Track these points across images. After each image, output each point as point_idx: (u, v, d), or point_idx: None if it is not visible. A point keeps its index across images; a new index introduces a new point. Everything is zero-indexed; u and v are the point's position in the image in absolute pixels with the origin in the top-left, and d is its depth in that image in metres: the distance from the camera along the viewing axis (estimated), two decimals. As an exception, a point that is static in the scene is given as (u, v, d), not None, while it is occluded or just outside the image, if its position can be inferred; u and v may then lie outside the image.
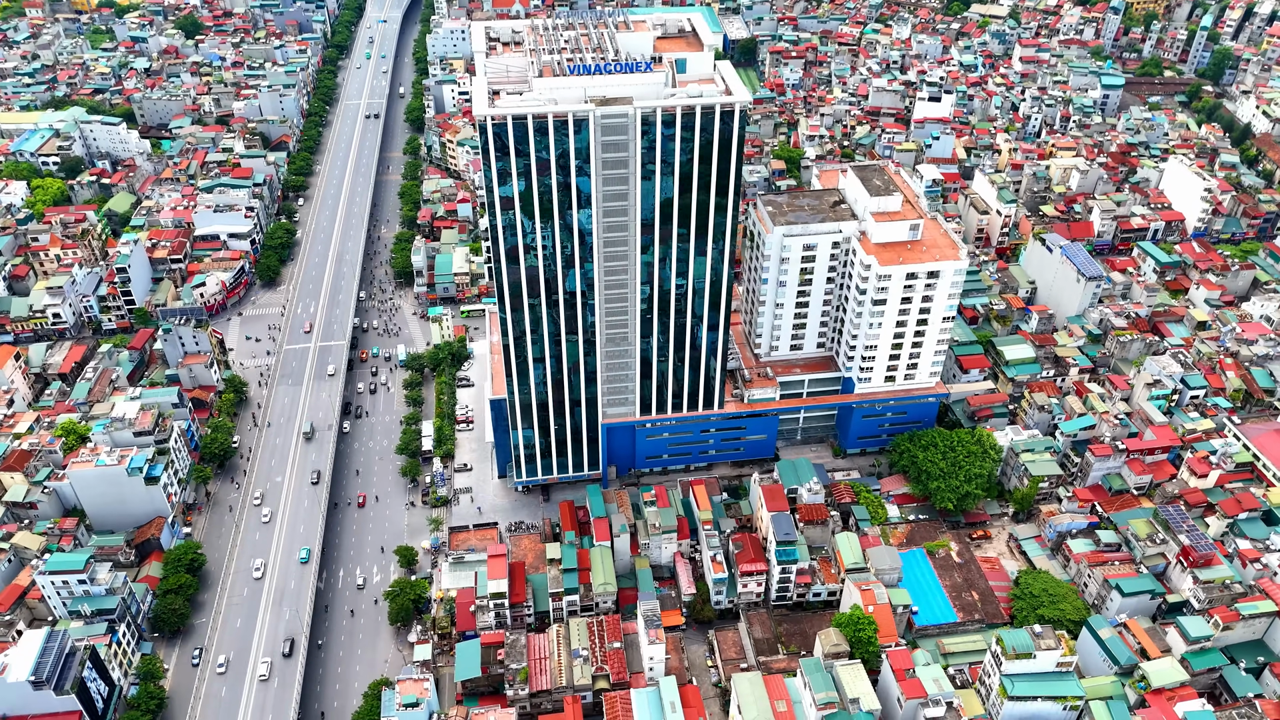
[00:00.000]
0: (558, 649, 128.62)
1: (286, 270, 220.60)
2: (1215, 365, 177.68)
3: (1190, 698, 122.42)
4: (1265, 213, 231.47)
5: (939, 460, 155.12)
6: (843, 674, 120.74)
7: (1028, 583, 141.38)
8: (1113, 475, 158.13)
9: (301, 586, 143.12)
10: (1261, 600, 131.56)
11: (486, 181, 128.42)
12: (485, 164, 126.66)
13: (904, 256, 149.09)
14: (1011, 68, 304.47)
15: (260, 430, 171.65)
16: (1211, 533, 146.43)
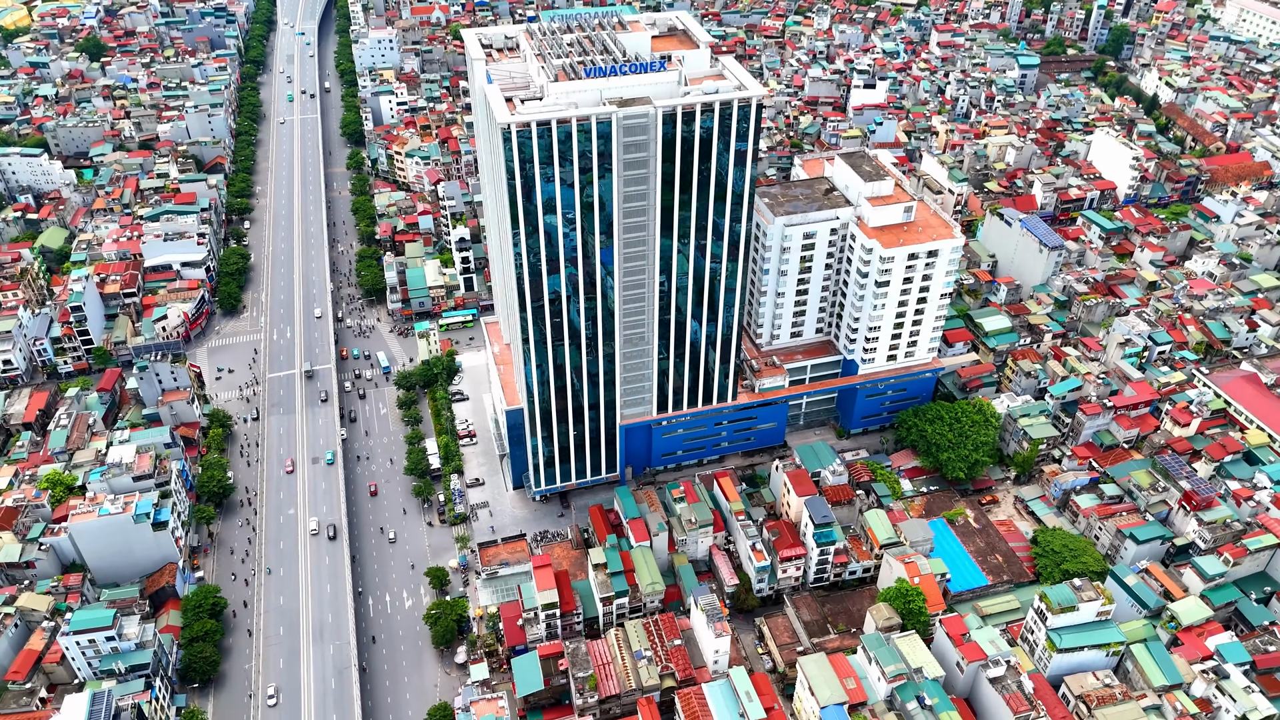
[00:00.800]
0: (619, 653, 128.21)
1: (247, 296, 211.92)
2: (1175, 321, 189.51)
3: (1216, 632, 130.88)
4: (1186, 176, 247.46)
5: (946, 432, 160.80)
6: (902, 645, 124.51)
7: (1046, 540, 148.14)
8: (1103, 432, 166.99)
9: (340, 619, 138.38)
10: (1263, 535, 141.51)
11: (510, 189, 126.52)
12: (509, 171, 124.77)
13: (903, 238, 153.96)
14: (931, 53, 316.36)
15: (263, 464, 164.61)
16: (1200, 477, 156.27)
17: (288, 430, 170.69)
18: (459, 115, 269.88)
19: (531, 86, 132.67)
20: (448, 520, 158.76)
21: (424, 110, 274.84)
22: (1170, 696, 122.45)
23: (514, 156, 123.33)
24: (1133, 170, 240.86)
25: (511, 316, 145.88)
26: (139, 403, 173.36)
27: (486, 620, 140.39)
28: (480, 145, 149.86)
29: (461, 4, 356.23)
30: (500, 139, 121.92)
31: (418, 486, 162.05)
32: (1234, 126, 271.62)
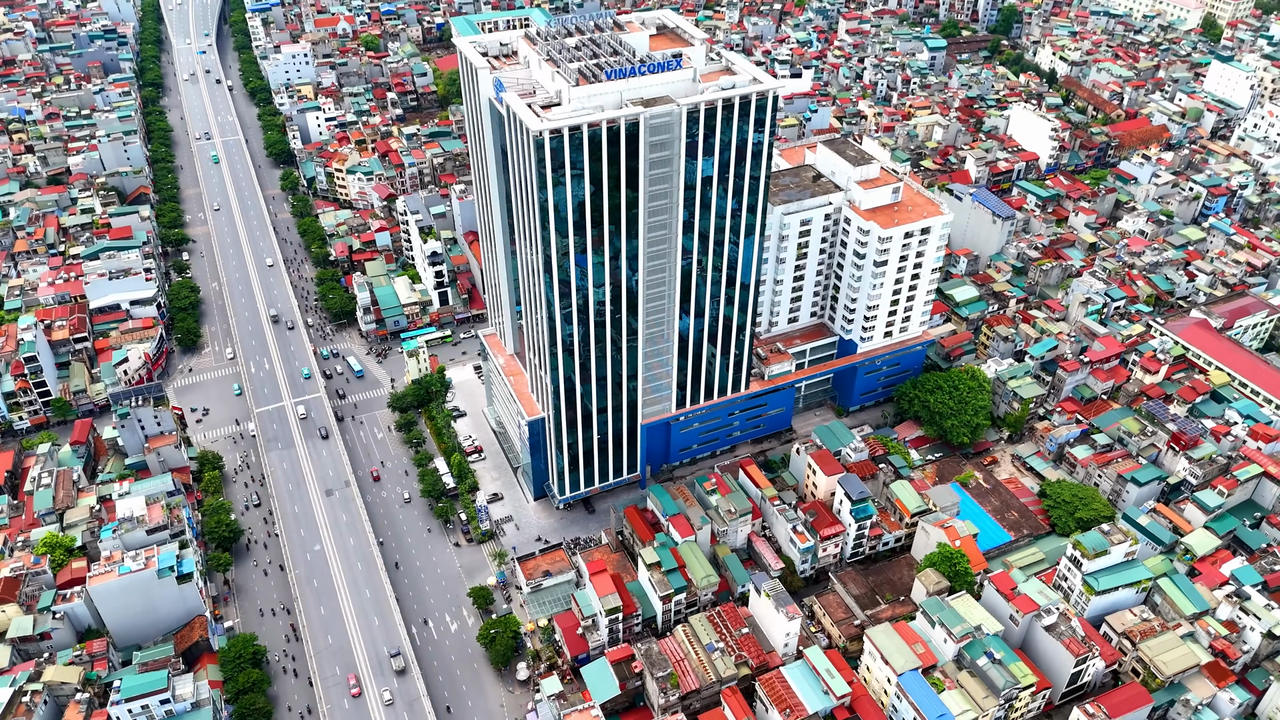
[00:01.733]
0: (691, 648, 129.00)
1: (205, 330, 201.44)
2: (1124, 278, 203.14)
3: (1227, 559, 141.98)
4: (1098, 144, 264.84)
5: (948, 400, 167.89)
6: (958, 606, 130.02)
7: (1055, 492, 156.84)
8: (1082, 386, 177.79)
9: (398, 648, 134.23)
10: (1248, 465, 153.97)
11: (540, 196, 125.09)
12: (540, 179, 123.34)
13: (897, 218, 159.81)
14: (843, 40, 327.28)
15: (274, 501, 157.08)
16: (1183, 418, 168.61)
17: (291, 465, 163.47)
18: (394, 128, 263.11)
19: (540, 93, 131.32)
20: (474, 539, 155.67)
21: (355, 125, 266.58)
22: (1202, 623, 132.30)
23: (546, 163, 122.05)
24: (1052, 141, 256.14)
25: (533, 324, 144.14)
26: (118, 453, 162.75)
27: (540, 634, 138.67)
28: (480, 155, 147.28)
29: (367, 14, 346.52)
30: (531, 146, 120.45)
31: (438, 508, 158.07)
32: (1129, 94, 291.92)
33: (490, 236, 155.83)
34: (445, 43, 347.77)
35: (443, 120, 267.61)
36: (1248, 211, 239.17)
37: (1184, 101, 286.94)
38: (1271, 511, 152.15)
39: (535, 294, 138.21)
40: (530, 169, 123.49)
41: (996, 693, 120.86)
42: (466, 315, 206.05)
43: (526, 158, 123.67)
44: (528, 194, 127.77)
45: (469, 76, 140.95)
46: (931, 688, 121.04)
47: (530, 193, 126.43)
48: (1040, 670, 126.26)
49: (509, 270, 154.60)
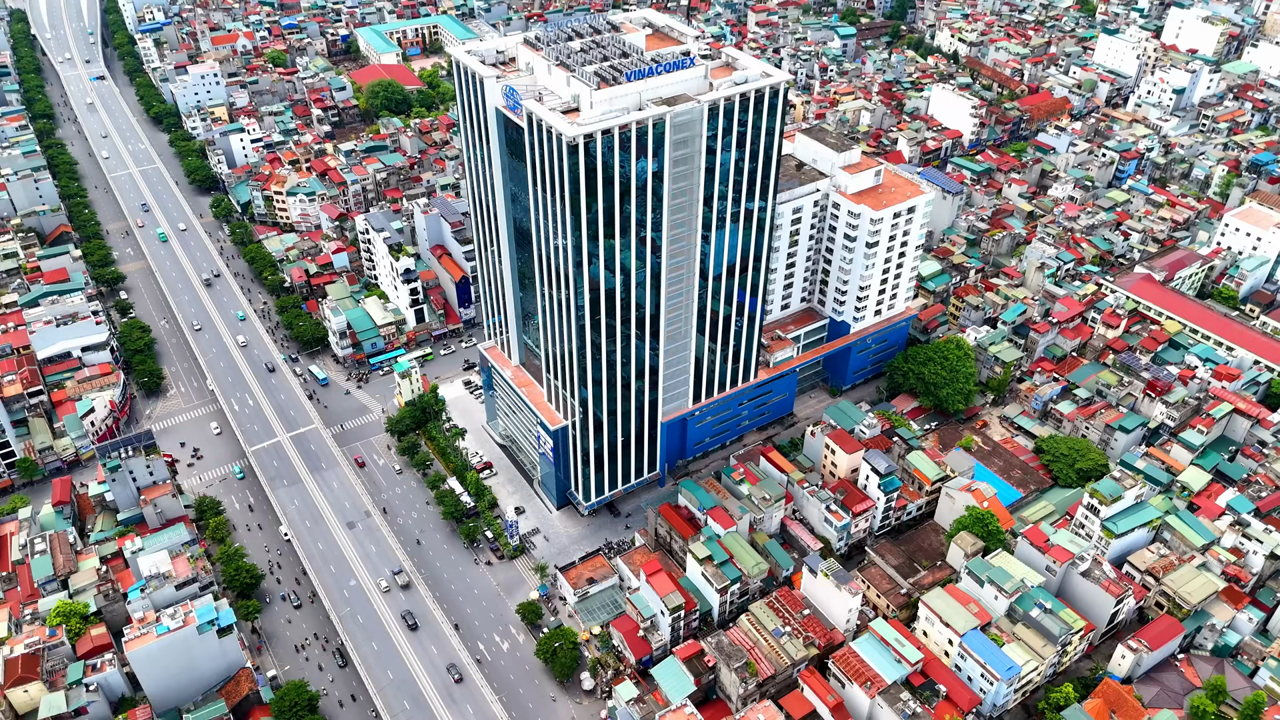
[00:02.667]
0: (759, 635, 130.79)
1: (167, 372, 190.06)
2: (1070, 241, 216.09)
3: (1220, 492, 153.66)
4: (1012, 118, 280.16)
5: (940, 371, 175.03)
6: (999, 564, 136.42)
7: (1051, 447, 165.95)
8: (1053, 346, 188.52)
9: (466, 675, 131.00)
10: (1219, 405, 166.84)
11: (573, 201, 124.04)
12: (574, 184, 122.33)
13: (884, 200, 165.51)
14: (756, 32, 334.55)
15: (296, 540, 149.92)
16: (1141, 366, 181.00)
17: (303, 500, 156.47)
18: (328, 145, 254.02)
19: (549, 98, 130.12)
20: (505, 555, 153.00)
21: (284, 145, 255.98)
22: (1212, 552, 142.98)
23: (580, 168, 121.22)
24: (973, 118, 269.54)
25: (554, 331, 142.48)
26: (107, 509, 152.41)
27: (597, 641, 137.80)
28: (481, 164, 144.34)
29: (267, 29, 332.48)
30: (565, 152, 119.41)
31: (463, 529, 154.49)
32: (1029, 70, 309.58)
33: (492, 247, 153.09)
34: (353, 55, 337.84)
35: (377, 135, 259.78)
36: (1155, 172, 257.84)
37: (1078, 74, 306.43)
38: (1245, 444, 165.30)
39: (559, 299, 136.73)
40: (563, 174, 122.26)
41: (1054, 640, 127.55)
42: (443, 331, 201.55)
43: (556, 163, 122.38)
44: (556, 199, 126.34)
45: (469, 86, 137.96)
46: (993, 643, 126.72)
47: (560, 198, 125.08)
48: (1082, 614, 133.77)
49: (515, 280, 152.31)
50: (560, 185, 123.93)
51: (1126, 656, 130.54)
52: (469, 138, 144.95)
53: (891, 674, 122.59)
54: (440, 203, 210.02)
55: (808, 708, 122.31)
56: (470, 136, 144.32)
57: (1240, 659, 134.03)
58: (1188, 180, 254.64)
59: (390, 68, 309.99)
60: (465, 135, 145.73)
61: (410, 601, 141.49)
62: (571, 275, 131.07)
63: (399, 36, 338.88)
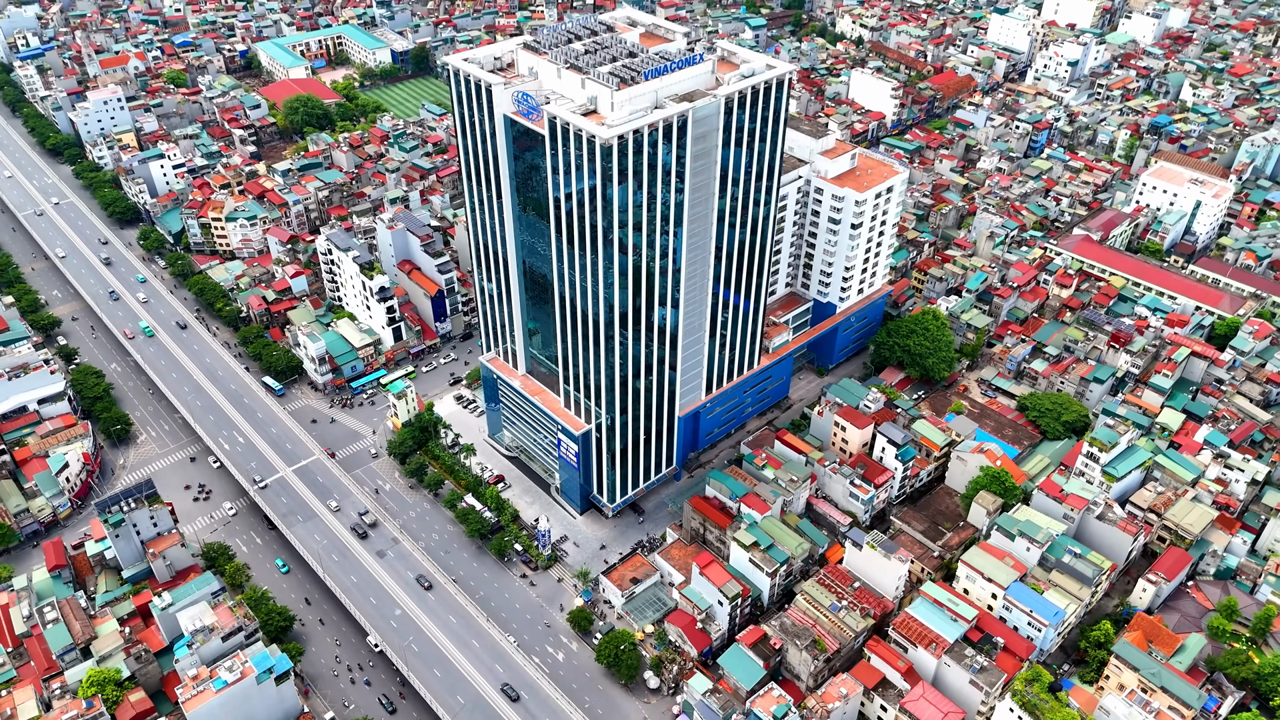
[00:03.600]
0: (818, 612, 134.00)
1: (133, 417, 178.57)
2: (1009, 209, 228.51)
3: (1195, 429, 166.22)
4: (927, 98, 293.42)
5: (924, 342, 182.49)
6: (1023, 517, 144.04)
7: (1034, 404, 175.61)
8: (1015, 309, 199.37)
9: (532, 690, 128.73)
10: (1177, 350, 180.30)
11: (605, 204, 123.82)
12: (605, 185, 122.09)
13: (864, 182, 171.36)
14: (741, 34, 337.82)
15: (331, 576, 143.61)
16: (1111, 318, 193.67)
17: (324, 534, 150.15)
18: (259, 166, 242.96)
19: (560, 102, 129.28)
20: (539, 566, 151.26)
21: (209, 169, 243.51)
22: (1201, 485, 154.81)
23: (614, 169, 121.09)
24: (893, 99, 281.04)
25: (575, 335, 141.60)
26: (107, 567, 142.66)
27: (653, 639, 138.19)
28: (485, 173, 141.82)
29: (159, 49, 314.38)
30: (599, 155, 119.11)
31: (492, 544, 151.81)
32: (931, 51, 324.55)
33: (495, 260, 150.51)
34: (254, 70, 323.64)
35: (309, 152, 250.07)
36: (1063, 140, 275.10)
37: (976, 53, 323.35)
38: (1204, 383, 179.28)
39: (586, 301, 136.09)
40: (594, 177, 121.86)
41: (1088, 582, 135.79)
42: (420, 348, 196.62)
43: (587, 166, 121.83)
44: (585, 203, 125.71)
45: (472, 95, 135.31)
46: (1034, 592, 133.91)
47: (590, 200, 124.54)
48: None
49: (522, 290, 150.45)
50: (588, 187, 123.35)
51: (1147, 589, 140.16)
52: (471, 148, 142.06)
53: (951, 633, 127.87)
54: (405, 217, 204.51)
55: (878, 676, 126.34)
56: (472, 147, 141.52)
57: (1240, 579, 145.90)
58: (1093, 146, 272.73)
59: (302, 82, 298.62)
60: (466, 146, 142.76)
61: (466, 624, 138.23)
62: (601, 272, 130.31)
63: (301, 49, 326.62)
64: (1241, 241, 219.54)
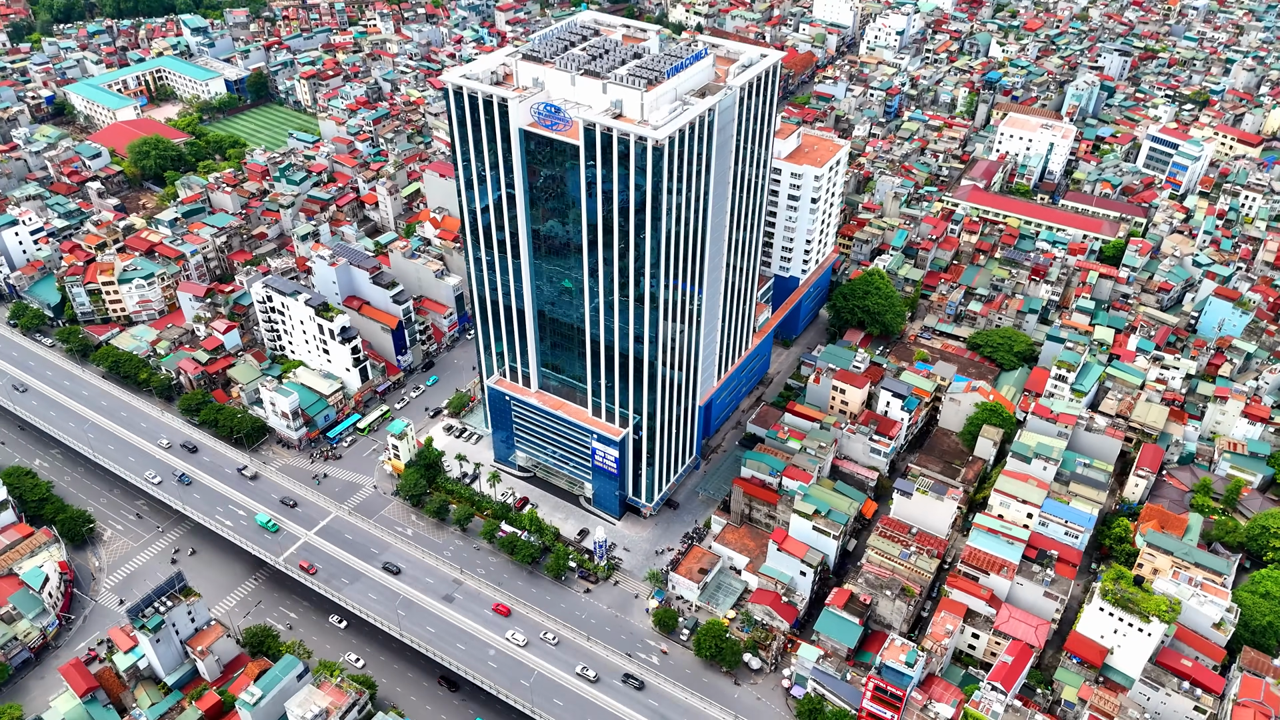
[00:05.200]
0: (891, 563, 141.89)
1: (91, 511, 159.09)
2: (900, 170, 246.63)
3: (1126, 340, 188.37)
4: (783, 76, 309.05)
5: (880, 300, 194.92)
6: (1028, 440, 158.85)
7: (984, 341, 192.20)
8: (937, 259, 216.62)
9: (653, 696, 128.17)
10: (1089, 274, 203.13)
11: (655, 203, 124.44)
12: (655, 186, 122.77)
13: (816, 157, 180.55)
14: (509, 30, 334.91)
15: (404, 636, 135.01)
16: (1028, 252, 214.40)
17: (379, 593, 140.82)
18: (134, 220, 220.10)
19: (577, 108, 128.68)
20: (600, 578, 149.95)
21: (73, 230, 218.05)
22: (1148, 386, 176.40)
23: (664, 170, 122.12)
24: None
25: (601, 340, 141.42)
26: (143, 679, 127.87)
27: (739, 621, 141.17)
28: (495, 190, 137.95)
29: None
30: (649, 157, 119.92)
31: (549, 566, 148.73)
32: (769, 32, 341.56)
33: (502, 277, 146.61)
34: (68, 116, 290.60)
35: (190, 197, 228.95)
36: (910, 103, 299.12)
37: (808, 30, 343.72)
38: (1113, 299, 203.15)
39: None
40: (642, 182, 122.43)
41: (1101, 487, 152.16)
42: (386, 385, 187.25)
43: (635, 169, 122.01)
44: (630, 207, 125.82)
45: (481, 112, 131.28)
46: (1062, 504, 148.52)
47: (638, 203, 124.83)
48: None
49: (535, 302, 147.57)
50: (632, 190, 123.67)
51: (1139, 484, 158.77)
52: (478, 169, 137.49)
53: (1014, 556, 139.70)
54: (345, 250, 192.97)
55: (963, 608, 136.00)
56: (479, 167, 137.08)
57: (1198, 461, 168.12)
58: (936, 105, 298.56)
59: (138, 124, 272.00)
60: (471, 167, 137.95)
61: (571, 652, 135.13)
62: (648, 272, 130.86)
63: (118, 88, 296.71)
64: (1094, 174, 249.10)
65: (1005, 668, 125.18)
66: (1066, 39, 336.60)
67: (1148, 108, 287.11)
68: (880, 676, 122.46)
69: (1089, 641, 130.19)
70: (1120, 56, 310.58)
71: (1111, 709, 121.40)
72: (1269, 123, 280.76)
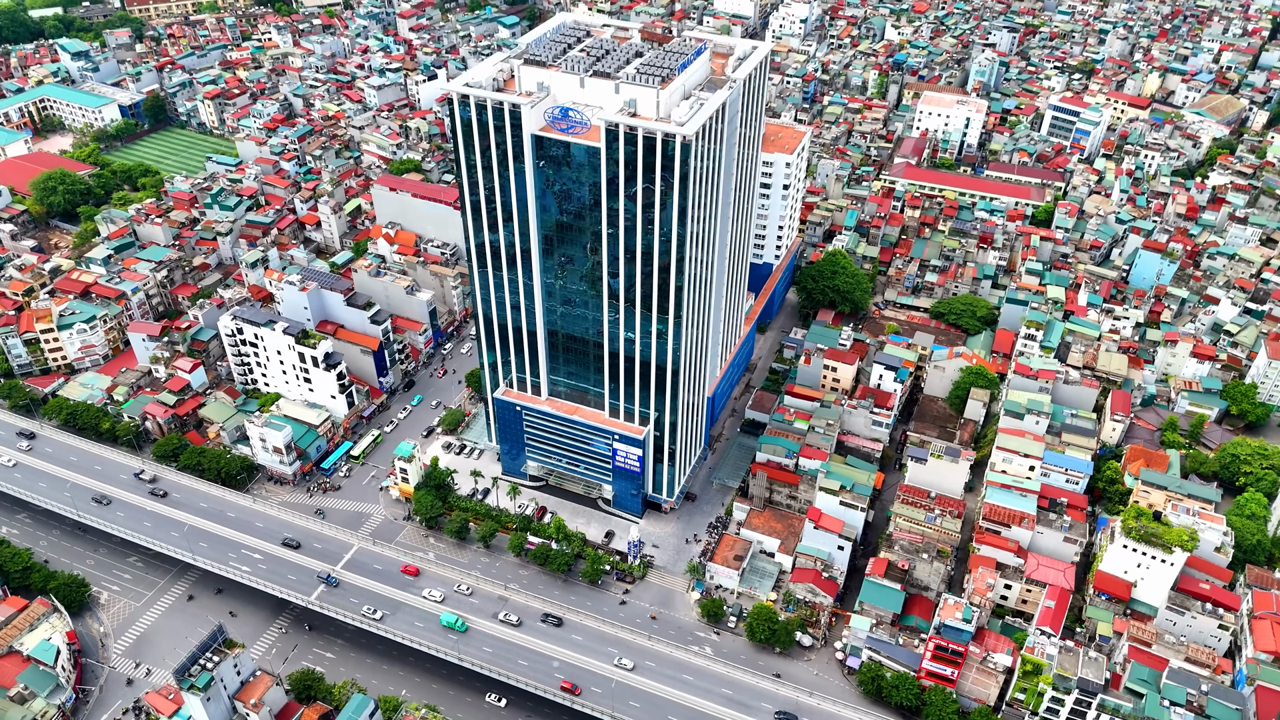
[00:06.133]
0: (919, 527, 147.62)
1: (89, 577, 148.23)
2: (836, 153, 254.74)
3: (1074, 295, 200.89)
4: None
5: (848, 279, 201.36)
6: (1016, 398, 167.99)
7: (948, 308, 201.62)
8: (887, 235, 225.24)
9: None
10: (1032, 238, 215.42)
11: (681, 199, 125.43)
12: (684, 179, 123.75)
13: (784, 145, 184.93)
14: (414, 37, 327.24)
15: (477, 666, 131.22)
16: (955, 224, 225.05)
17: (427, 624, 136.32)
18: (62, 262, 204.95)
19: (589, 110, 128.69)
20: (637, 577, 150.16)
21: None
22: (1105, 338, 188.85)
23: (690, 163, 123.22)
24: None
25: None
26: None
27: (783, 601, 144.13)
28: (504, 197, 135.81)
29: None
30: (676, 153, 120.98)
31: (585, 572, 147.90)
32: (675, 26, 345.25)
33: (511, 292, 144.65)
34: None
35: (116, 232, 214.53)
36: (825, 89, 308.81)
37: (712, 23, 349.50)
38: (1055, 259, 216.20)
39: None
40: (669, 178, 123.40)
41: (1090, 434, 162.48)
42: (372, 409, 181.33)
43: (662, 167, 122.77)
44: (655, 206, 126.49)
45: (484, 124, 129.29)
46: (1060, 454, 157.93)
47: (662, 201, 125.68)
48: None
49: (546, 309, 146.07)
50: (666, 187, 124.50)
51: (1116, 427, 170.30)
52: (485, 180, 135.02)
53: (1029, 506, 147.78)
54: (315, 274, 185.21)
55: (993, 562, 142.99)
56: (487, 179, 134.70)
57: (1159, 401, 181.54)
58: (849, 88, 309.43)
59: (31, 158, 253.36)
60: (478, 179, 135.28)
61: (647, 656, 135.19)
62: (673, 267, 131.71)
63: (2, 116, 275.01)
64: (1010, 145, 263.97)
65: (1049, 612, 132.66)
66: (954, 19, 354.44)
67: (1041, 79, 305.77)
68: (941, 635, 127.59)
69: (1114, 578, 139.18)
70: (1009, 33, 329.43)
71: (1149, 636, 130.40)
72: (1147, 86, 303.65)
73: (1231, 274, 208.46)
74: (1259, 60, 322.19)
